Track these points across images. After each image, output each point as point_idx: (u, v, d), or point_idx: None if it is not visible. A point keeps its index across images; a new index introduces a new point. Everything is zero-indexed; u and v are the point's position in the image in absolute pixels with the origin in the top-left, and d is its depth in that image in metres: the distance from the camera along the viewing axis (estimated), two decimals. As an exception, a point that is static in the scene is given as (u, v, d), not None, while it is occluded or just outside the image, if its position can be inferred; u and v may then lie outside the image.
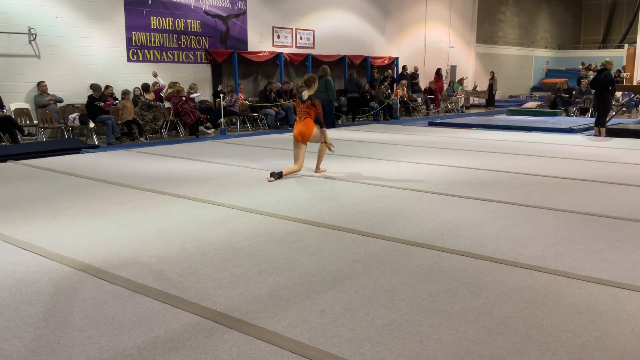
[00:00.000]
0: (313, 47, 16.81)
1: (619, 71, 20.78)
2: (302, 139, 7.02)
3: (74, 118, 10.96)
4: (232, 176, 7.10)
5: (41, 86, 11.05)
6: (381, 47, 19.36)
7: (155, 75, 12.35)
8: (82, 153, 9.36)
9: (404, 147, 9.83)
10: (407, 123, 15.27)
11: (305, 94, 7.09)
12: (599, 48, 29.91)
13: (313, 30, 16.87)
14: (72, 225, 4.82)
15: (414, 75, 19.61)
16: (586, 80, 17.34)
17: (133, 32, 12.63)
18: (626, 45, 26.69)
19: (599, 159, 8.40)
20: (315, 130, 7.10)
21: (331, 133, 11.51)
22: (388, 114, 16.57)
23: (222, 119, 12.45)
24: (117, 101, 11.61)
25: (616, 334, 2.78)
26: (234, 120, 13.41)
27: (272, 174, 6.79)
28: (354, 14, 18.19)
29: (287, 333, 2.79)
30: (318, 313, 3.02)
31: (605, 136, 11.43)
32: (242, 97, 13.83)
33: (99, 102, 10.97)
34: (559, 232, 4.53)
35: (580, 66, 24.63)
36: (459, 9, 23.05)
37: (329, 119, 13.52)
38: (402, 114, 17.46)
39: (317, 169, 7.33)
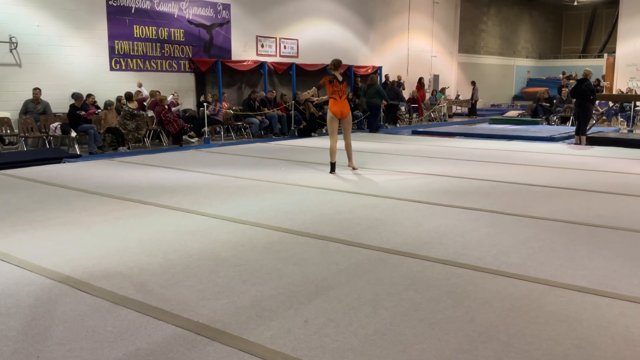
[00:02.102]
0: (297, 57, 16.86)
1: (598, 80, 21.10)
2: (342, 116, 7.94)
3: (56, 127, 10.85)
4: (216, 185, 7.07)
5: (34, 93, 10.93)
6: (365, 57, 19.47)
7: (140, 85, 12.29)
8: (64, 163, 9.26)
9: (388, 156, 9.87)
10: (391, 132, 15.35)
11: (339, 75, 7.91)
12: (579, 57, 30.37)
13: (297, 40, 16.93)
14: (53, 236, 4.76)
15: (397, 85, 19.71)
16: (566, 89, 17.58)
17: (116, 41, 12.56)
18: (605, 55, 27.13)
19: (580, 167, 8.50)
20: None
21: (313, 142, 11.53)
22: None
23: (206, 128, 12.41)
24: (99, 110, 11.52)
25: (597, 342, 2.81)
26: (218, 129, 13.38)
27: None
28: (337, 23, 18.28)
29: (271, 344, 2.78)
30: (301, 323, 3.01)
31: (585, 144, 11.58)
32: (226, 105, 13.80)
33: (81, 111, 10.88)
34: (540, 240, 4.57)
35: (561, 75, 24.98)
36: (441, 19, 23.29)
37: (374, 122, 15.00)
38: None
39: (351, 164, 8.24)
